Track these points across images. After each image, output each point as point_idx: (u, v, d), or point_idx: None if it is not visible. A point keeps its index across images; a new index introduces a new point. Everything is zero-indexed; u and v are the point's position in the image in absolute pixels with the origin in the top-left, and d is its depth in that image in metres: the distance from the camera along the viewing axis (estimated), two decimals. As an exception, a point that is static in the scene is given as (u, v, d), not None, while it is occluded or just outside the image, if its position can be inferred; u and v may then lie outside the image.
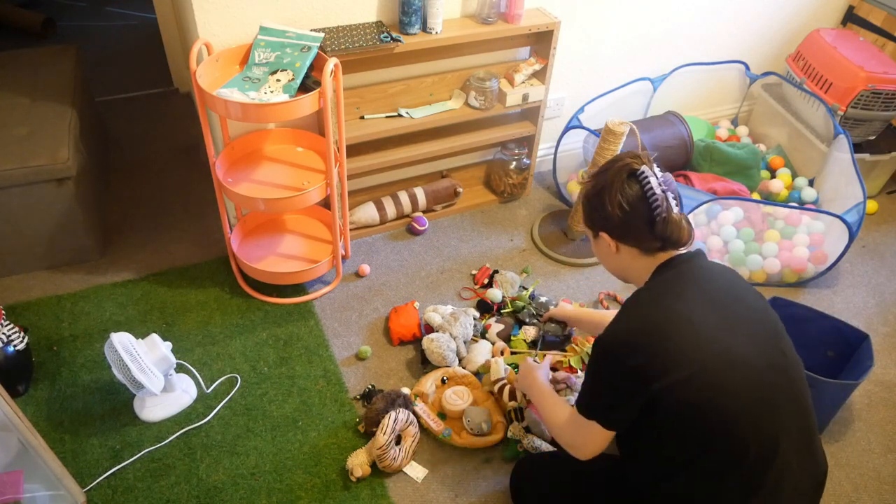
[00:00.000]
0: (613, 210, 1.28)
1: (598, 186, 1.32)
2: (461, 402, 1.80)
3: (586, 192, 1.37)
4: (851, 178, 2.34)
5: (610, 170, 1.31)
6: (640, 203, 1.27)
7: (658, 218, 1.25)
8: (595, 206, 1.33)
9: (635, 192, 1.27)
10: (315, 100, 1.74)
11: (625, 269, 1.37)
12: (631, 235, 1.30)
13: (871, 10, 2.79)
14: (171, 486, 1.65)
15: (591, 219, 1.36)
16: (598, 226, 1.35)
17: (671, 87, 2.79)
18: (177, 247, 2.31)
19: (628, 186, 1.27)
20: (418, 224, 2.40)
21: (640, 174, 1.27)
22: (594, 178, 1.34)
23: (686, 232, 1.29)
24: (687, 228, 1.29)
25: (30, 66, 2.42)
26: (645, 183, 1.26)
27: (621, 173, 1.28)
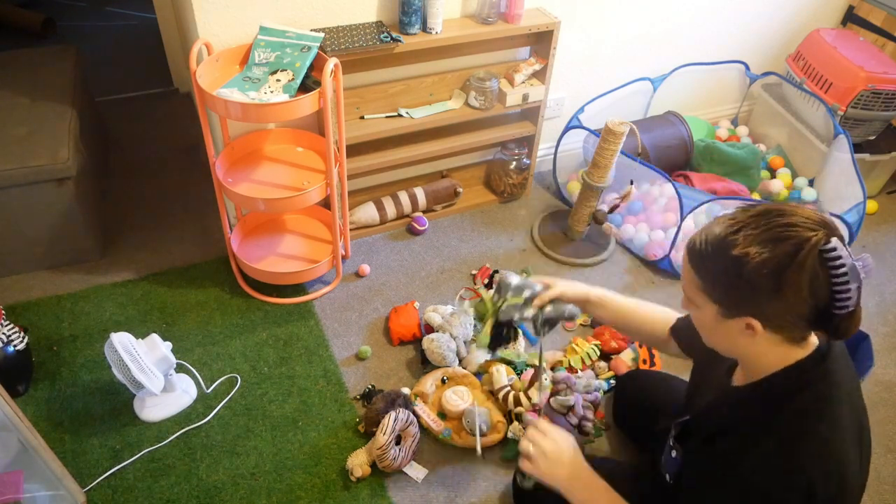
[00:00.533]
0: (797, 297, 0.94)
1: (774, 263, 0.93)
2: (461, 402, 1.80)
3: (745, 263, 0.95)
4: (851, 178, 2.34)
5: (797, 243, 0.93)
6: (823, 292, 0.94)
7: (842, 312, 0.95)
8: (761, 287, 0.95)
9: (824, 279, 0.94)
10: (315, 100, 1.74)
11: (750, 352, 1.04)
12: (790, 326, 0.99)
13: (871, 10, 2.79)
14: (171, 486, 1.65)
15: (741, 299, 0.98)
16: (747, 309, 0.98)
17: (671, 87, 2.79)
18: (177, 247, 2.31)
19: (819, 271, 0.93)
20: (418, 224, 2.40)
21: (831, 251, 0.93)
22: (769, 248, 0.94)
23: (858, 325, 0.98)
24: (858, 320, 0.98)
25: (30, 66, 2.42)
26: (837, 266, 0.93)
27: (814, 251, 0.93)
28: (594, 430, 1.81)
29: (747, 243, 0.95)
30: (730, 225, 0.98)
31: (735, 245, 0.96)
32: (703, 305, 1.04)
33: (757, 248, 0.94)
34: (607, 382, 1.93)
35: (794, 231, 0.94)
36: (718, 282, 1.00)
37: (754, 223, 0.97)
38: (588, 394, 1.85)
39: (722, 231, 0.99)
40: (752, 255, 0.94)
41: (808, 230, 0.94)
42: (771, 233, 0.95)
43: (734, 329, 1.01)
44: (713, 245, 0.99)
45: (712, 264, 0.99)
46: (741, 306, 0.99)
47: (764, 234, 0.95)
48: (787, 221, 0.95)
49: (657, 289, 2.29)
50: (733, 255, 0.96)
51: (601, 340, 2.02)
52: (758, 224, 0.96)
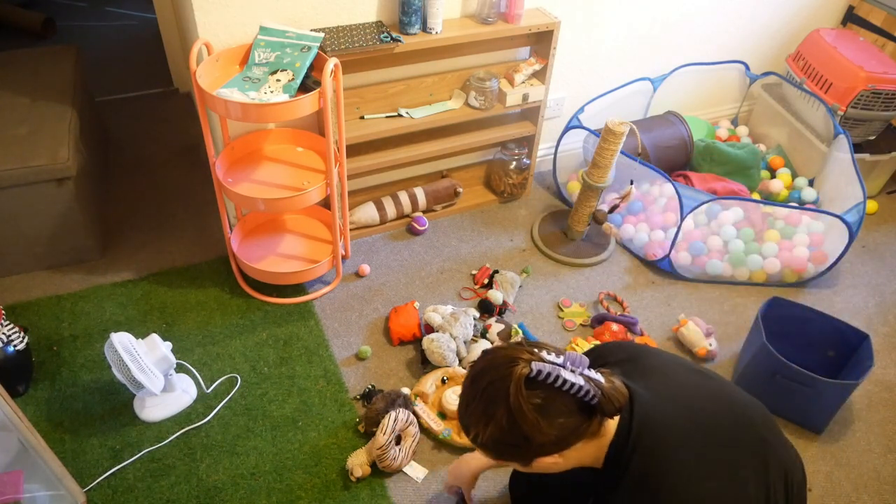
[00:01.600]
0: (544, 433, 1.00)
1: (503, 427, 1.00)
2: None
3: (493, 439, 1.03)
4: (851, 178, 2.34)
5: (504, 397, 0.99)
6: (564, 403, 1.00)
7: (594, 402, 1.00)
8: (517, 445, 1.02)
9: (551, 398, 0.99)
10: (315, 100, 1.74)
11: (575, 464, 1.11)
12: (574, 437, 1.03)
13: (871, 10, 2.79)
14: (171, 486, 1.65)
15: (518, 456, 1.05)
16: (531, 457, 1.05)
17: (671, 87, 2.79)
18: (177, 247, 2.31)
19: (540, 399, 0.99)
20: (418, 224, 2.40)
21: (538, 375, 0.98)
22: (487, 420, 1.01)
23: (621, 389, 1.04)
24: (619, 384, 1.05)
25: (30, 66, 2.42)
26: (554, 381, 0.98)
27: (520, 392, 0.98)
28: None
29: (470, 426, 1.05)
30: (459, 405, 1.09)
31: (472, 432, 1.05)
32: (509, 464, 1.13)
33: (479, 427, 1.03)
34: (607, 382, 1.93)
35: (494, 389, 1.00)
36: (495, 455, 1.07)
37: (466, 400, 1.05)
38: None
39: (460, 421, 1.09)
40: (479, 436, 1.04)
41: (504, 377, 0.99)
42: (480, 405, 1.02)
43: (546, 464, 1.06)
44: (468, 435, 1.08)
45: (478, 448, 1.08)
46: (526, 459, 1.05)
47: (478, 409, 1.03)
48: (486, 383, 1.01)
49: (657, 289, 2.29)
50: (480, 443, 1.05)
51: (601, 340, 2.02)
52: (469, 400, 1.05)
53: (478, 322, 2.05)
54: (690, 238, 2.31)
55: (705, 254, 2.30)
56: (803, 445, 1.84)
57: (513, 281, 2.20)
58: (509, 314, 2.16)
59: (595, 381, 1.01)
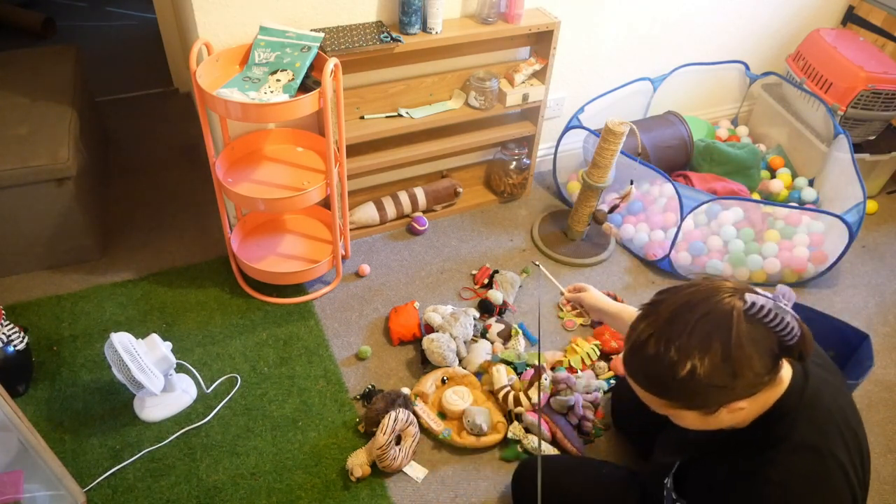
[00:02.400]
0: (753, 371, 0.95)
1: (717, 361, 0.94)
2: (461, 402, 1.80)
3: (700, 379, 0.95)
4: (851, 178, 2.34)
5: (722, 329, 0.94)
6: (770, 341, 0.95)
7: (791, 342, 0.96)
8: (720, 385, 0.95)
9: (761, 333, 0.95)
10: (315, 100, 1.74)
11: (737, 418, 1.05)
12: (768, 380, 0.99)
13: (871, 10, 2.79)
14: (171, 486, 1.65)
15: (710, 399, 0.98)
16: (721, 402, 0.98)
17: (671, 87, 2.79)
18: (177, 247, 2.31)
19: (754, 331, 0.94)
20: (418, 224, 2.40)
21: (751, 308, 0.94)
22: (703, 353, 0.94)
23: (810, 337, 0.98)
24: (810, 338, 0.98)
25: (30, 66, 2.42)
26: (766, 317, 0.94)
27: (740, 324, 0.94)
28: (594, 430, 1.82)
29: (685, 359, 0.95)
30: (656, 343, 0.98)
31: (675, 365, 0.95)
32: (680, 414, 1.04)
33: (695, 360, 0.94)
34: (607, 382, 1.93)
35: (713, 319, 0.94)
36: (683, 397, 0.99)
37: (676, 332, 0.96)
38: (588, 394, 1.85)
39: (654, 353, 0.97)
40: (697, 370, 0.94)
41: (722, 309, 0.94)
42: (696, 335, 0.95)
43: (721, 416, 1.01)
44: (657, 374, 0.99)
45: (667, 389, 0.99)
46: (715, 403, 0.99)
47: (692, 341, 0.95)
48: (700, 314, 0.95)
49: (657, 289, 2.27)
50: (682, 377, 0.96)
51: (601, 340, 2.02)
52: (679, 332, 0.96)
53: (478, 322, 2.05)
54: (690, 238, 2.31)
55: (705, 254, 2.30)
56: (803, 445, 1.84)
57: (513, 281, 2.20)
58: (509, 314, 2.16)
59: (798, 320, 0.96)
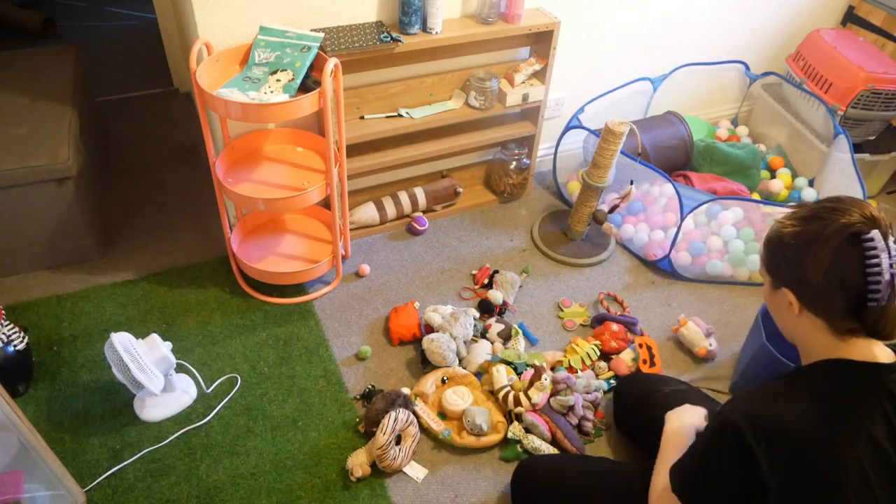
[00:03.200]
0: (815, 274, 1.02)
1: (804, 236, 1.04)
2: (461, 402, 1.80)
3: (782, 236, 1.08)
4: (851, 178, 2.34)
5: (829, 223, 1.01)
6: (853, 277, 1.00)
7: (872, 304, 1.00)
8: (789, 258, 1.06)
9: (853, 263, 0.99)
10: (315, 100, 1.74)
11: (799, 334, 1.12)
12: (824, 307, 1.04)
13: (871, 10, 2.79)
14: (171, 486, 1.65)
15: (778, 267, 1.10)
16: (784, 279, 1.09)
17: (671, 87, 2.79)
18: (177, 247, 2.31)
19: (846, 253, 1.00)
20: (418, 224, 2.40)
21: (868, 241, 0.99)
22: (803, 223, 1.05)
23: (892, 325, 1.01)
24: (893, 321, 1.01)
25: (30, 66, 2.42)
26: (871, 256, 0.98)
27: (842, 233, 1.00)
28: (594, 430, 1.82)
29: (789, 219, 1.08)
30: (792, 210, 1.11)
31: (780, 220, 1.10)
32: (764, 277, 1.16)
33: (794, 222, 1.07)
34: (607, 382, 1.93)
35: (834, 215, 1.02)
36: (766, 253, 1.13)
37: (808, 207, 1.07)
38: (588, 394, 1.85)
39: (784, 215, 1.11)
40: (786, 227, 1.07)
41: (847, 216, 1.01)
42: (811, 213, 1.05)
43: (781, 303, 1.11)
44: (773, 224, 1.13)
45: (767, 239, 1.13)
46: (778, 276, 1.10)
47: (806, 213, 1.06)
48: (832, 206, 1.04)
49: (657, 289, 2.29)
50: (776, 229, 1.10)
51: (601, 340, 2.02)
52: (810, 207, 1.07)
53: (478, 322, 2.05)
54: (690, 238, 2.31)
55: (705, 254, 2.30)
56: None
57: (513, 281, 2.20)
58: (509, 314, 2.16)
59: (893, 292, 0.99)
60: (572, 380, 1.81)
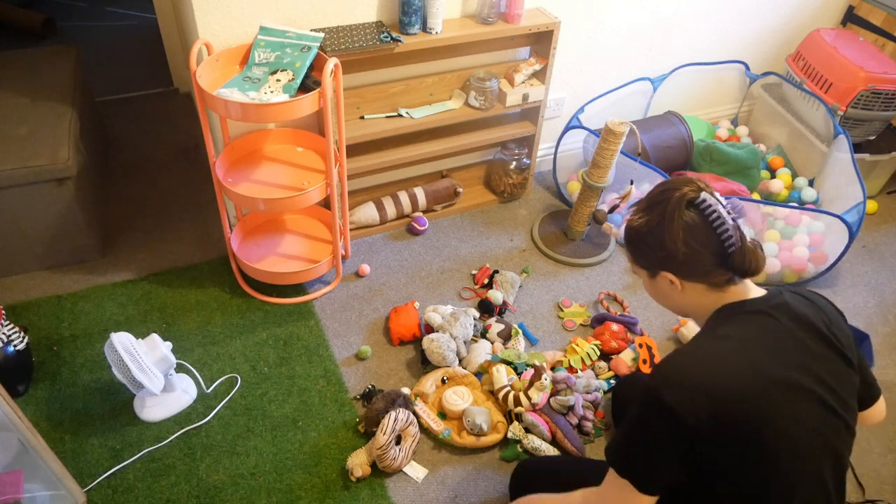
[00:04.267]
0: (677, 247, 1.14)
1: (652, 223, 1.17)
2: (461, 403, 1.80)
3: (636, 230, 1.20)
4: (851, 178, 2.34)
5: (666, 202, 1.15)
6: (707, 235, 1.13)
7: (731, 250, 1.12)
8: (651, 245, 1.18)
9: (699, 224, 1.13)
10: (315, 100, 1.74)
11: (689, 306, 1.23)
12: (699, 272, 1.15)
13: (871, 10, 2.79)
14: (171, 486, 1.65)
15: (646, 258, 1.21)
16: (656, 265, 1.20)
17: (671, 87, 2.79)
18: (177, 247, 2.31)
19: (690, 218, 1.13)
20: (418, 224, 2.40)
21: (702, 203, 1.13)
22: (646, 213, 1.19)
23: (762, 260, 1.14)
24: (762, 256, 1.14)
25: (30, 66, 2.42)
26: (710, 213, 1.12)
27: (680, 205, 1.13)
28: (594, 430, 1.82)
29: (635, 215, 1.22)
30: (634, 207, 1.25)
31: (632, 216, 1.23)
32: (638, 272, 1.27)
33: (640, 215, 1.20)
34: (607, 382, 1.93)
35: (667, 194, 1.16)
36: (631, 251, 1.25)
37: (645, 199, 1.21)
38: (588, 394, 1.85)
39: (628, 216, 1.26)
40: (636, 222, 1.20)
41: (678, 192, 1.15)
42: (649, 202, 1.19)
43: (663, 286, 1.22)
44: (625, 226, 1.26)
45: (626, 238, 1.25)
46: (651, 265, 1.21)
47: (645, 204, 1.20)
48: (662, 189, 1.18)
49: (657, 289, 2.29)
50: (630, 226, 1.22)
51: (601, 340, 2.02)
52: (646, 199, 1.21)
53: (478, 322, 2.05)
54: (690, 238, 2.31)
55: (705, 254, 2.30)
56: (803, 445, 1.84)
57: (513, 281, 2.20)
58: (509, 314, 2.16)
59: (742, 234, 1.13)
60: (572, 380, 1.81)
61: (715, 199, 1.13)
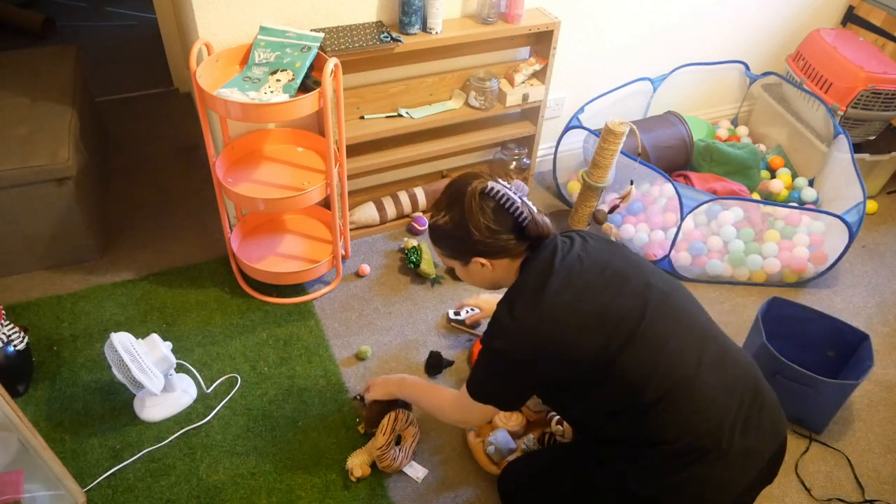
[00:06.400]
0: (482, 233, 1.30)
1: (456, 217, 1.31)
2: (505, 421, 1.75)
3: (442, 228, 1.35)
4: (851, 178, 2.34)
5: (462, 197, 1.30)
6: (503, 217, 1.30)
7: (525, 223, 1.30)
8: (459, 236, 1.32)
9: (495, 210, 1.30)
10: (315, 100, 1.74)
11: (499, 279, 1.40)
12: (503, 249, 1.32)
13: (871, 10, 2.79)
14: (171, 486, 1.65)
15: (458, 250, 1.36)
16: (467, 254, 1.35)
17: (671, 87, 2.79)
18: (177, 247, 2.31)
19: (486, 206, 1.29)
20: (418, 224, 2.40)
21: (492, 191, 1.30)
22: (448, 210, 1.33)
23: (548, 226, 1.34)
24: (547, 222, 1.35)
25: (30, 66, 2.42)
26: (500, 197, 1.29)
27: (475, 197, 1.29)
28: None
29: (436, 215, 1.36)
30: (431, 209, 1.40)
31: (433, 218, 1.37)
32: (451, 264, 1.42)
33: (441, 213, 1.34)
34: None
35: (462, 189, 1.31)
36: (441, 247, 1.39)
37: (441, 199, 1.36)
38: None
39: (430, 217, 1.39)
40: (440, 221, 1.35)
41: (469, 186, 1.30)
42: (447, 201, 1.34)
43: (476, 269, 1.37)
44: (430, 231, 1.39)
45: (435, 240, 1.39)
46: (462, 254, 1.35)
47: (444, 203, 1.35)
48: (456, 187, 1.33)
49: (657, 289, 2.29)
50: (435, 226, 1.36)
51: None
52: (443, 199, 1.35)
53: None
54: (690, 238, 2.31)
55: (705, 254, 2.30)
56: (803, 445, 1.84)
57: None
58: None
59: (530, 209, 1.32)
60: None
61: (501, 184, 1.31)
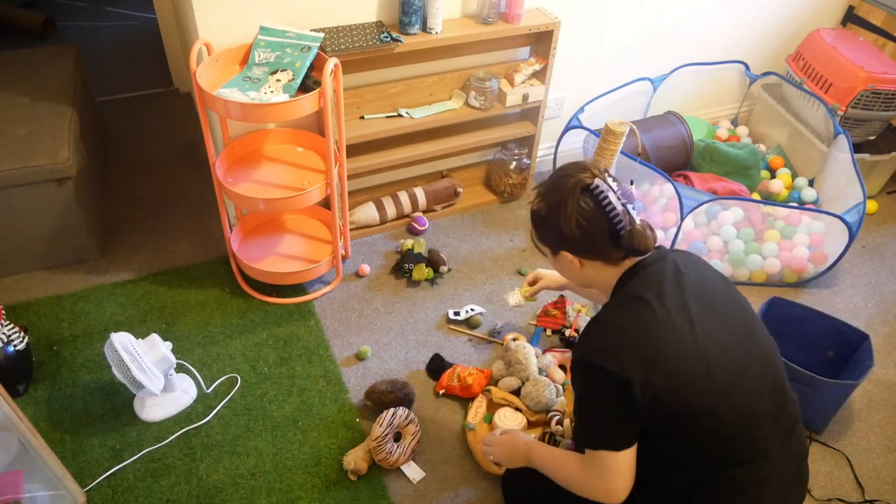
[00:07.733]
0: (570, 228, 1.23)
1: (550, 206, 1.26)
2: (510, 423, 1.74)
3: (536, 213, 1.31)
4: (851, 178, 2.34)
5: (562, 188, 1.24)
6: (599, 218, 1.22)
7: (622, 232, 1.22)
8: (551, 227, 1.27)
9: (592, 208, 1.22)
10: (315, 100, 1.74)
11: (590, 280, 1.33)
12: (595, 251, 1.26)
13: (871, 10, 2.79)
14: (171, 486, 1.65)
15: (548, 239, 1.31)
16: (556, 245, 1.30)
17: (671, 87, 2.79)
18: (177, 247, 2.31)
19: (584, 203, 1.22)
20: (418, 224, 2.40)
21: (595, 189, 1.21)
22: (544, 198, 1.28)
23: (651, 239, 1.25)
24: (651, 235, 1.25)
25: (30, 66, 2.42)
26: (602, 198, 1.21)
27: (574, 191, 1.22)
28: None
29: (535, 198, 1.31)
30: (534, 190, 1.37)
31: (533, 200, 1.32)
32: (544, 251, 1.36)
33: (539, 199, 1.30)
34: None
35: (563, 180, 1.25)
36: (535, 231, 1.35)
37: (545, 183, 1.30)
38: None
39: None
40: (536, 206, 1.30)
41: (573, 177, 1.23)
42: (548, 187, 1.28)
43: (566, 264, 1.31)
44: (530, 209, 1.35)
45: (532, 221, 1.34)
46: (551, 244, 1.31)
47: (545, 189, 1.29)
48: (560, 174, 1.27)
49: (657, 289, 2.29)
50: (531, 210, 1.32)
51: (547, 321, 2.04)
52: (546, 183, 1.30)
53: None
54: (690, 238, 2.31)
55: (705, 254, 2.30)
56: (803, 445, 1.84)
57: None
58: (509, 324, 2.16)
59: (631, 217, 1.23)
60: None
61: (607, 185, 1.22)
